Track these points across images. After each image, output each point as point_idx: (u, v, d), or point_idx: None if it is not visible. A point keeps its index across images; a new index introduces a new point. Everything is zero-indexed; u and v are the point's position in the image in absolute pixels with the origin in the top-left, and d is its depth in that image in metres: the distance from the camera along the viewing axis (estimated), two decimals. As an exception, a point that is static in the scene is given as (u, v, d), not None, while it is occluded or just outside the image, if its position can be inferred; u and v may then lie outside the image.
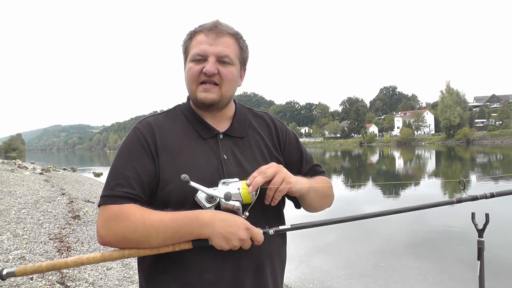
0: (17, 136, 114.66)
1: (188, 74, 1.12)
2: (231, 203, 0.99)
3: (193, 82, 1.11)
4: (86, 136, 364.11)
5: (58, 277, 3.72)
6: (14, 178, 11.37)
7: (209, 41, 1.09)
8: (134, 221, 0.98)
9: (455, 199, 1.24)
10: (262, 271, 1.10)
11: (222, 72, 1.09)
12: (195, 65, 1.10)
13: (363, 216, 1.13)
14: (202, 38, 1.10)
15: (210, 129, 1.16)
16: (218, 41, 1.09)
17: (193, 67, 1.10)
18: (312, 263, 5.93)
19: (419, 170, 24.05)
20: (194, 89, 1.12)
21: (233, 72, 1.12)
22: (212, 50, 1.08)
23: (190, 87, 1.14)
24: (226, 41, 1.10)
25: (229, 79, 1.11)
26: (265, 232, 1.02)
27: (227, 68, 1.10)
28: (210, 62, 1.08)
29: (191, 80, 1.11)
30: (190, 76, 1.11)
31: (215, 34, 1.09)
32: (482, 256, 1.30)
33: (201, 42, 1.09)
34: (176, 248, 0.99)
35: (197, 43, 1.10)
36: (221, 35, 1.10)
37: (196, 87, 1.11)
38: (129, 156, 1.08)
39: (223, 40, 1.10)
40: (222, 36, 1.10)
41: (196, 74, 1.10)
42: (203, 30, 1.11)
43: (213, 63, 1.08)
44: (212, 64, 1.08)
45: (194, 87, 1.12)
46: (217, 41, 1.09)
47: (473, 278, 1.33)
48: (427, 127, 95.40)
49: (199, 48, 1.09)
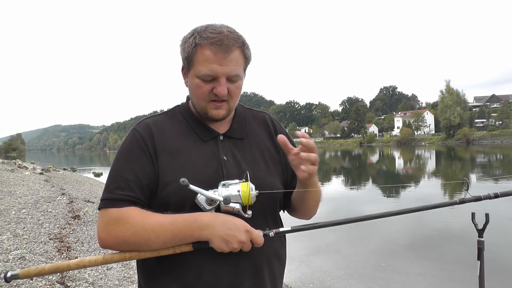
0: (17, 136, 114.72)
1: (197, 91, 1.09)
2: (231, 205, 1.00)
3: (202, 100, 1.10)
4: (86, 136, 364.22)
5: (58, 277, 3.72)
6: (14, 178, 11.37)
7: (219, 60, 1.03)
8: (134, 224, 0.98)
9: (458, 200, 1.22)
10: (261, 273, 1.10)
11: (231, 89, 1.08)
12: (204, 84, 1.07)
13: (364, 218, 1.12)
14: (210, 56, 1.03)
15: (210, 131, 1.16)
16: (228, 60, 1.04)
17: (202, 85, 1.07)
18: (312, 263, 5.93)
19: (420, 170, 24.04)
20: (204, 105, 1.11)
21: (240, 86, 1.12)
22: (223, 71, 1.04)
23: (199, 104, 1.12)
24: (235, 58, 1.06)
25: (237, 94, 1.12)
26: (265, 234, 1.02)
27: (235, 84, 1.09)
28: (222, 84, 1.05)
29: (201, 98, 1.10)
30: (200, 95, 1.09)
31: (224, 53, 1.03)
32: (482, 256, 1.29)
33: (209, 61, 1.04)
34: (177, 250, 1.00)
35: (204, 60, 1.04)
36: (230, 52, 1.04)
37: (206, 104, 1.10)
38: (128, 159, 1.08)
39: (233, 58, 1.05)
40: (231, 52, 1.05)
41: (206, 93, 1.08)
42: (210, 47, 1.03)
43: (224, 85, 1.06)
44: (223, 86, 1.06)
45: (204, 104, 1.10)
46: (226, 60, 1.04)
47: (473, 278, 1.32)
48: (427, 127, 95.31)
49: (209, 69, 1.04)
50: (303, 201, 1.19)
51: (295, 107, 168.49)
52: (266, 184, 1.10)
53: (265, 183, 1.10)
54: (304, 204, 1.20)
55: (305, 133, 1.08)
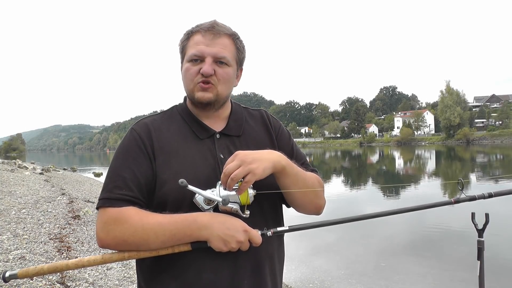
0: (17, 136, 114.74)
1: (185, 74, 1.13)
2: (229, 205, 1.00)
3: (190, 82, 1.12)
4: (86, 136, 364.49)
5: (58, 277, 3.72)
6: (14, 178, 11.38)
7: (206, 42, 1.09)
8: (133, 224, 0.98)
9: (453, 200, 1.23)
10: (261, 270, 1.10)
11: (218, 72, 1.10)
12: (192, 65, 1.10)
13: (362, 217, 1.12)
14: (199, 39, 1.10)
15: (207, 129, 1.16)
16: (215, 42, 1.09)
17: (190, 67, 1.11)
18: (312, 263, 5.94)
19: (419, 170, 24.04)
20: (191, 88, 1.12)
21: (229, 73, 1.13)
22: (209, 51, 1.08)
23: (187, 87, 1.14)
24: (223, 42, 1.10)
25: (225, 79, 1.12)
26: (263, 234, 1.02)
27: (223, 68, 1.11)
28: (207, 63, 1.08)
29: (189, 80, 1.12)
30: (188, 77, 1.12)
31: (212, 35, 1.09)
32: (482, 256, 1.30)
33: (198, 43, 1.09)
34: (175, 250, 1.00)
35: (194, 43, 1.10)
36: (218, 36, 1.10)
37: (193, 87, 1.12)
38: (126, 158, 1.08)
39: (220, 41, 1.10)
40: (219, 36, 1.10)
41: (193, 74, 1.10)
42: (200, 31, 1.11)
43: (210, 64, 1.08)
44: (209, 65, 1.08)
45: (191, 86, 1.12)
46: (214, 41, 1.09)
47: (473, 278, 1.33)
48: (427, 127, 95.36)
49: (196, 49, 1.09)
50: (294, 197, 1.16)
51: (295, 107, 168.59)
52: (264, 183, 1.09)
53: (263, 182, 1.09)
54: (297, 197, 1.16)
55: None
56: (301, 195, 1.14)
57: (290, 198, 1.17)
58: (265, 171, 1.02)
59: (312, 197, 1.18)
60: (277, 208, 1.21)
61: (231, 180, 0.98)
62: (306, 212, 1.22)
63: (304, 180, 1.14)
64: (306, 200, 1.17)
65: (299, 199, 1.16)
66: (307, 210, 1.21)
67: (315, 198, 1.19)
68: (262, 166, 1.01)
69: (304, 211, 1.22)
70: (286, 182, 1.10)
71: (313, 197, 1.18)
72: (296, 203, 1.19)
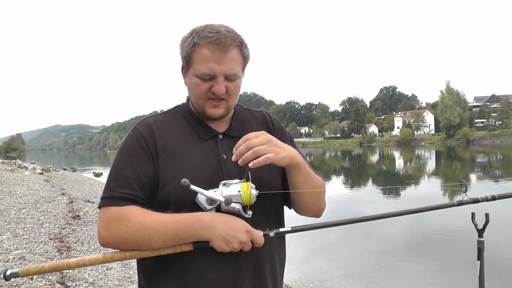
0: (17, 136, 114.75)
1: (195, 90, 1.10)
2: (232, 205, 1.00)
3: (200, 98, 1.11)
4: (86, 136, 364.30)
5: (58, 277, 3.72)
6: (14, 178, 11.37)
7: (216, 59, 1.04)
8: (135, 223, 0.98)
9: (456, 202, 1.23)
10: (262, 271, 1.10)
11: (229, 88, 1.09)
12: (202, 82, 1.08)
13: (364, 219, 1.12)
14: (208, 55, 1.04)
15: (210, 130, 1.16)
16: (226, 59, 1.05)
17: (200, 83, 1.08)
18: (312, 263, 5.94)
19: (420, 170, 24.03)
20: (202, 104, 1.12)
21: (239, 85, 1.12)
22: (221, 70, 1.05)
23: (196, 102, 1.13)
24: (233, 57, 1.07)
25: (235, 93, 1.12)
26: (265, 235, 1.02)
27: (233, 83, 1.10)
28: (220, 82, 1.06)
29: (199, 97, 1.11)
30: (198, 93, 1.10)
31: (222, 52, 1.04)
32: (482, 256, 1.30)
33: (207, 60, 1.05)
34: (177, 250, 1.00)
35: (202, 59, 1.05)
36: (227, 51, 1.05)
37: (204, 103, 1.11)
38: (129, 157, 1.08)
39: (230, 56, 1.06)
40: (229, 51, 1.05)
41: (204, 91, 1.09)
42: (208, 46, 1.04)
43: (222, 83, 1.07)
44: (222, 85, 1.07)
45: (202, 102, 1.11)
46: (224, 59, 1.05)
47: (473, 278, 1.33)
48: (427, 127, 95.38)
49: (207, 67, 1.05)
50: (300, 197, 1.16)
51: (295, 107, 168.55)
52: (266, 184, 1.10)
53: (265, 183, 1.10)
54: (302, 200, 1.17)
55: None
56: (308, 195, 1.14)
57: (298, 198, 1.17)
58: (284, 160, 1.03)
59: (317, 198, 1.18)
60: (279, 209, 1.21)
61: (252, 153, 0.98)
62: (307, 214, 1.22)
63: (313, 180, 1.15)
64: (311, 201, 1.17)
65: (306, 199, 1.16)
66: (309, 211, 1.21)
67: (319, 200, 1.20)
68: (283, 153, 1.02)
69: (305, 213, 1.22)
70: (298, 179, 1.10)
71: (318, 199, 1.19)
72: (301, 203, 1.19)
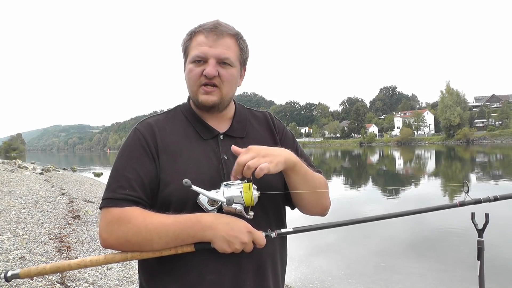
0: (17, 136, 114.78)
1: (188, 76, 1.12)
2: (233, 206, 0.99)
3: (193, 84, 1.11)
4: (86, 136, 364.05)
5: (58, 277, 3.73)
6: (14, 178, 11.36)
7: (209, 43, 1.07)
8: (137, 224, 0.98)
9: (458, 203, 1.23)
10: (264, 272, 1.10)
11: (222, 74, 1.09)
12: (196, 67, 1.09)
13: (365, 220, 1.12)
14: (202, 40, 1.08)
15: (211, 130, 1.16)
16: (218, 43, 1.08)
17: (193, 69, 1.10)
18: (312, 263, 5.93)
19: (420, 170, 24.02)
20: (195, 90, 1.12)
21: (233, 74, 1.12)
22: (213, 52, 1.07)
23: (191, 89, 1.13)
24: (227, 43, 1.09)
25: (229, 80, 1.11)
26: (267, 235, 1.02)
27: (227, 69, 1.10)
28: (211, 64, 1.07)
29: (192, 82, 1.11)
30: (191, 78, 1.11)
31: (215, 36, 1.08)
32: (482, 256, 1.30)
33: (201, 44, 1.08)
34: (179, 251, 1.00)
35: (197, 44, 1.09)
36: (221, 37, 1.08)
37: (197, 89, 1.11)
38: (130, 158, 1.08)
39: (224, 42, 1.09)
40: (223, 37, 1.09)
41: (196, 76, 1.09)
42: (203, 31, 1.09)
43: (213, 66, 1.07)
44: (212, 67, 1.07)
45: (195, 88, 1.11)
46: (217, 42, 1.08)
47: (473, 278, 1.33)
48: (427, 127, 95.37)
49: (199, 50, 1.08)
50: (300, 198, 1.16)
51: (295, 107, 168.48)
52: (267, 184, 1.09)
53: (266, 183, 1.09)
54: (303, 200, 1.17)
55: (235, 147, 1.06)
56: (309, 195, 1.13)
57: (298, 198, 1.16)
58: (278, 166, 1.02)
59: (319, 197, 1.17)
60: (281, 210, 1.21)
61: (248, 169, 0.98)
62: (311, 213, 1.21)
63: (313, 179, 1.14)
64: (313, 200, 1.16)
65: (307, 198, 1.15)
66: (313, 211, 1.20)
67: (322, 199, 1.18)
68: (275, 160, 1.02)
69: (310, 212, 1.21)
70: (295, 180, 1.10)
71: (320, 198, 1.18)
72: (303, 203, 1.18)
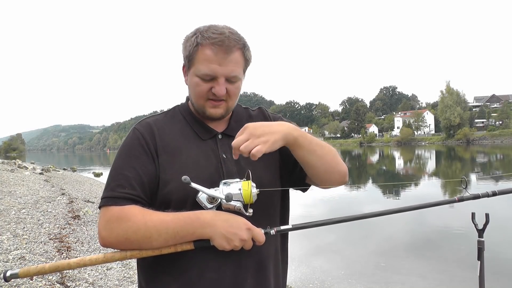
0: (17, 136, 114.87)
1: (195, 90, 1.10)
2: (232, 204, 0.99)
3: (200, 98, 1.11)
4: (86, 136, 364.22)
5: (58, 277, 3.72)
6: (14, 178, 11.36)
7: (219, 60, 1.05)
8: (136, 222, 0.98)
9: (456, 198, 1.23)
10: (264, 269, 1.10)
11: (229, 89, 1.09)
12: (203, 82, 1.08)
13: (364, 216, 1.12)
14: (210, 56, 1.04)
15: (209, 130, 1.17)
16: (228, 61, 1.05)
17: (201, 83, 1.08)
18: (312, 263, 5.94)
19: (420, 170, 24.05)
20: (202, 103, 1.12)
21: (239, 87, 1.12)
22: (222, 71, 1.05)
23: (196, 102, 1.13)
24: (235, 58, 1.07)
25: (236, 94, 1.13)
26: (266, 233, 1.02)
27: (234, 85, 1.10)
28: (220, 83, 1.06)
29: (199, 97, 1.11)
30: (199, 93, 1.10)
31: (224, 53, 1.04)
32: (482, 256, 1.30)
33: (210, 61, 1.05)
34: (178, 248, 1.00)
35: (205, 59, 1.05)
36: (230, 53, 1.05)
37: (204, 102, 1.11)
38: (129, 157, 1.08)
39: (233, 58, 1.06)
40: (231, 53, 1.06)
41: (204, 91, 1.09)
42: (211, 46, 1.04)
43: (223, 85, 1.07)
44: (222, 86, 1.07)
45: (201, 102, 1.12)
46: (226, 60, 1.05)
47: (473, 278, 1.33)
48: (427, 127, 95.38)
49: (209, 68, 1.05)
50: (315, 166, 1.10)
51: (295, 107, 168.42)
52: (266, 183, 1.10)
53: (265, 181, 1.10)
54: (318, 168, 1.10)
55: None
56: (321, 165, 1.09)
57: (312, 172, 1.11)
58: (275, 144, 1.00)
59: (333, 164, 1.12)
60: (280, 207, 1.21)
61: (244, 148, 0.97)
62: (331, 183, 1.15)
63: (321, 146, 1.09)
64: (327, 167, 1.10)
65: (321, 168, 1.09)
66: (332, 179, 1.14)
67: (335, 164, 1.12)
68: (272, 139, 0.99)
69: (329, 183, 1.15)
70: (302, 153, 1.06)
71: (335, 164, 1.12)
72: (319, 173, 1.11)
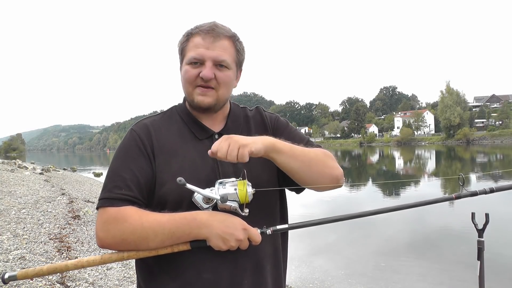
0: (17, 136, 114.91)
1: (184, 77, 1.12)
2: (228, 204, 1.00)
3: (189, 85, 1.12)
4: (86, 136, 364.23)
5: (58, 277, 3.73)
6: (14, 178, 11.37)
7: (206, 45, 1.08)
8: (132, 223, 0.98)
9: (454, 195, 1.22)
10: (261, 269, 1.10)
11: (218, 76, 1.09)
12: (192, 68, 1.10)
13: (360, 215, 1.11)
14: (199, 41, 1.09)
15: (206, 130, 1.17)
16: (215, 45, 1.08)
17: (189, 70, 1.10)
18: (312, 263, 5.93)
19: (419, 170, 24.06)
20: (190, 91, 1.12)
21: (229, 76, 1.12)
22: (209, 54, 1.08)
23: (186, 90, 1.14)
24: (223, 45, 1.09)
25: (225, 83, 1.12)
26: (262, 232, 1.02)
27: (223, 72, 1.10)
28: (207, 66, 1.08)
29: (188, 83, 1.12)
30: (187, 79, 1.11)
31: (212, 38, 1.08)
32: (482, 256, 1.29)
33: (198, 46, 1.09)
34: (175, 249, 1.00)
35: (193, 46, 1.09)
36: (218, 39, 1.09)
37: (192, 90, 1.12)
38: (126, 158, 1.09)
39: (220, 44, 1.09)
40: (219, 39, 1.09)
41: (192, 77, 1.10)
42: (200, 33, 1.09)
43: (210, 68, 1.08)
44: (209, 69, 1.08)
45: (190, 89, 1.12)
46: (214, 44, 1.08)
47: (473, 278, 1.32)
48: (427, 127, 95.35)
49: (196, 52, 1.08)
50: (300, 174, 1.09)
51: (295, 107, 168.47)
52: (262, 182, 1.10)
53: (262, 181, 1.10)
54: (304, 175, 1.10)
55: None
56: (306, 169, 1.08)
57: (298, 178, 1.10)
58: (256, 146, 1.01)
59: (320, 168, 1.10)
60: (276, 207, 1.21)
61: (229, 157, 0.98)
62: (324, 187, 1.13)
63: (303, 152, 1.09)
64: (314, 173, 1.09)
65: (306, 173, 1.08)
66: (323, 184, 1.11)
67: (325, 168, 1.11)
68: (254, 145, 1.00)
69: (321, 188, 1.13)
70: (283, 159, 1.05)
71: (322, 168, 1.10)
72: (304, 178, 1.10)
